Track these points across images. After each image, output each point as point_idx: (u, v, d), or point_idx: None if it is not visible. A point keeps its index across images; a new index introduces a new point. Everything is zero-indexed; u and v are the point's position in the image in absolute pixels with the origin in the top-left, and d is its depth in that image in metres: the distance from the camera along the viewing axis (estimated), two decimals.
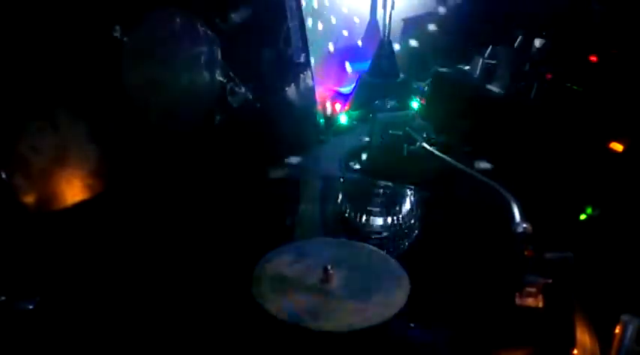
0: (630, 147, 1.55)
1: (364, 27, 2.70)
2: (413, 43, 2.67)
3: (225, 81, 1.87)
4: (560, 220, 1.55)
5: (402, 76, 2.52)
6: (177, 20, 1.72)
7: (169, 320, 1.27)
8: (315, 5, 2.49)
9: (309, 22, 2.29)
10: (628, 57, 1.73)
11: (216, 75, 1.84)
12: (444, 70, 2.30)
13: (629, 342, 1.04)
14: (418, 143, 1.98)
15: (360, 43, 2.68)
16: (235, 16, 1.80)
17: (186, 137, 1.77)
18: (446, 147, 1.98)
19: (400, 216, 1.62)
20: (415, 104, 2.35)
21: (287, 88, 2.11)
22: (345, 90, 2.58)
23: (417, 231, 1.61)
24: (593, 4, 1.84)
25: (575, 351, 1.18)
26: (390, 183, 1.77)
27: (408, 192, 1.73)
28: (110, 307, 1.29)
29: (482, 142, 1.99)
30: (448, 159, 1.90)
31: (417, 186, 1.76)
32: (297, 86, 2.14)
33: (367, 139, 2.06)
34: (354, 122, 2.34)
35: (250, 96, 1.94)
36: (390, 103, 2.22)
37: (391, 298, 1.21)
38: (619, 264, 1.38)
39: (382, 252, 1.43)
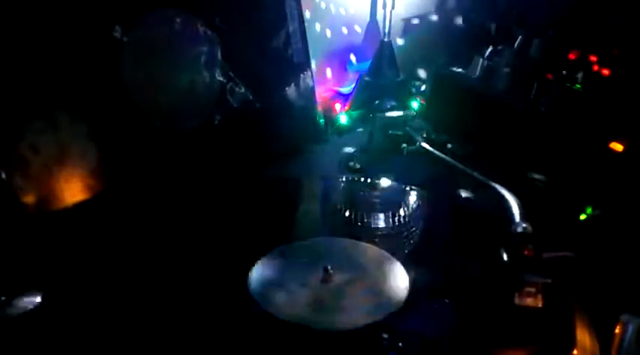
0: (630, 147, 1.55)
1: (363, 27, 2.70)
2: (413, 43, 2.67)
3: (225, 81, 1.87)
4: (560, 220, 1.55)
5: (402, 76, 2.52)
6: (177, 20, 1.72)
7: (169, 319, 1.27)
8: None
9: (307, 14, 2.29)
10: (628, 57, 1.73)
11: (216, 75, 1.85)
12: (444, 70, 2.30)
13: (629, 342, 1.04)
14: (418, 143, 1.98)
15: (353, 58, 2.68)
16: None
17: (186, 137, 1.77)
18: (445, 147, 1.99)
19: (400, 215, 1.62)
20: (415, 104, 2.35)
21: (287, 88, 2.11)
22: (345, 90, 2.58)
23: (416, 231, 1.61)
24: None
25: (575, 351, 1.17)
26: (389, 183, 1.77)
27: (408, 192, 1.72)
28: (110, 307, 1.29)
29: (482, 142, 1.99)
30: (448, 159, 1.90)
31: (417, 186, 1.76)
32: (297, 86, 2.14)
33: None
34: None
35: (250, 97, 1.94)
36: (390, 103, 2.22)
37: (391, 298, 1.21)
38: (619, 263, 1.38)
39: (382, 252, 1.43)
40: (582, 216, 1.56)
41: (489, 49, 2.09)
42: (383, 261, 1.37)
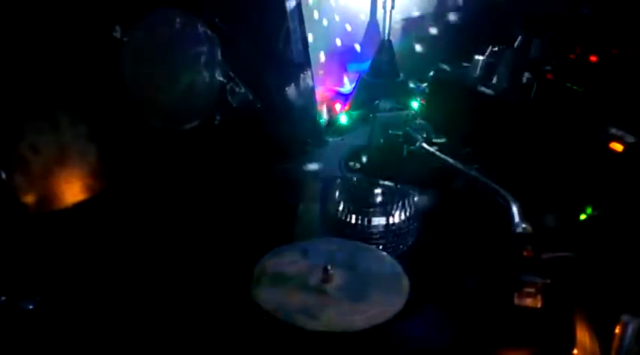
0: (630, 147, 1.55)
1: (363, 27, 2.70)
2: (413, 43, 2.67)
3: (225, 81, 1.87)
4: (560, 220, 1.55)
5: (401, 76, 2.52)
6: (178, 20, 1.72)
7: (169, 319, 1.27)
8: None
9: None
10: (628, 57, 1.73)
11: (216, 75, 1.85)
12: (444, 70, 2.30)
13: (629, 342, 1.04)
14: (418, 143, 1.98)
15: (357, 47, 2.68)
16: None
17: (186, 137, 1.77)
18: (445, 147, 1.98)
19: (400, 215, 1.62)
20: (415, 104, 2.35)
21: (287, 88, 2.11)
22: (345, 90, 2.58)
23: (416, 231, 1.61)
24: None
25: (575, 351, 1.17)
26: (389, 183, 1.77)
27: (408, 192, 1.73)
28: (111, 307, 1.29)
29: (482, 142, 1.99)
30: (447, 159, 1.90)
31: (417, 186, 1.76)
32: (297, 86, 2.15)
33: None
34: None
35: (250, 96, 1.94)
36: (390, 103, 2.22)
37: (390, 298, 1.21)
38: (619, 264, 1.38)
39: (382, 252, 1.43)
40: (582, 216, 1.56)
41: (489, 49, 2.09)
42: (382, 261, 1.37)
